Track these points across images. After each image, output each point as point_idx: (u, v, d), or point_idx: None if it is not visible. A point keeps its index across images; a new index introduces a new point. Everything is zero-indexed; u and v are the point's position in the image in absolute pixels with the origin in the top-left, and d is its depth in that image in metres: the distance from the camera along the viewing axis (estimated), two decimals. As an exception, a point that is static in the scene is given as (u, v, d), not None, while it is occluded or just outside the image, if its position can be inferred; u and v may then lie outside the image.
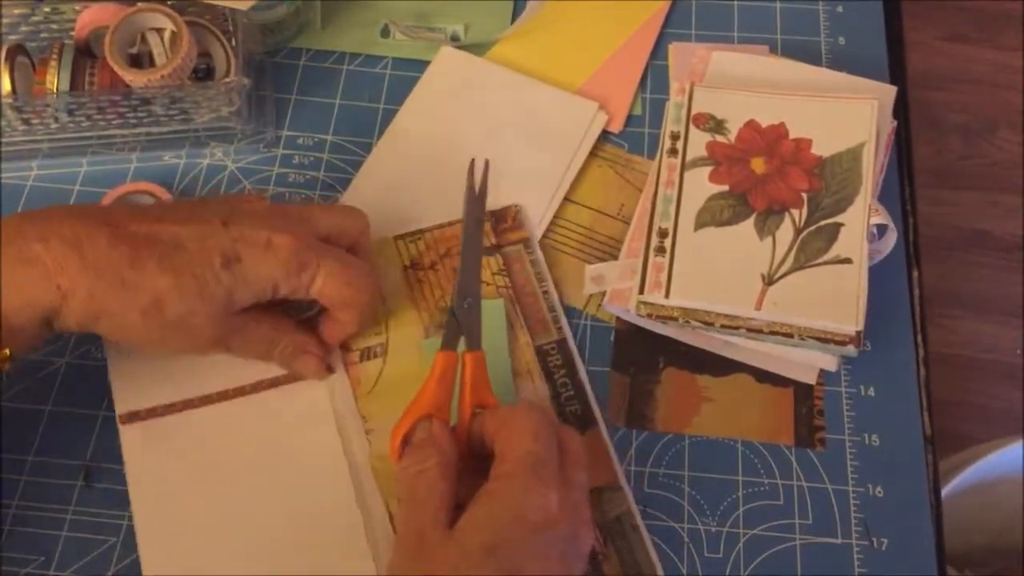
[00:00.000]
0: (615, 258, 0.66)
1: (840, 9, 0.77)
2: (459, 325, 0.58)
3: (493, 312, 0.62)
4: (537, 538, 0.47)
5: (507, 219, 0.66)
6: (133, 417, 0.59)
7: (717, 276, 0.61)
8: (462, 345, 0.57)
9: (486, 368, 0.56)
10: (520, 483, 0.48)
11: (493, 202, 0.67)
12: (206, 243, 0.52)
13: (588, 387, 0.62)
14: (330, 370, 0.61)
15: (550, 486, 0.48)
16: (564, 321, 0.63)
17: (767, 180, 0.64)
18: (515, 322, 0.63)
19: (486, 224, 0.65)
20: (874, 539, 0.58)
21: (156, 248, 0.51)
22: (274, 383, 0.60)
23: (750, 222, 0.63)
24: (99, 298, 0.50)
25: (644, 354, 0.63)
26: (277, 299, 0.55)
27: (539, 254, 0.65)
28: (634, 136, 0.72)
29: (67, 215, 0.52)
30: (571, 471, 0.50)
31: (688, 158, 0.65)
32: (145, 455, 0.58)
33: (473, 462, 0.53)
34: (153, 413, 0.59)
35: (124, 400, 0.60)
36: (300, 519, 0.57)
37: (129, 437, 0.59)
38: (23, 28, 0.70)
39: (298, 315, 0.60)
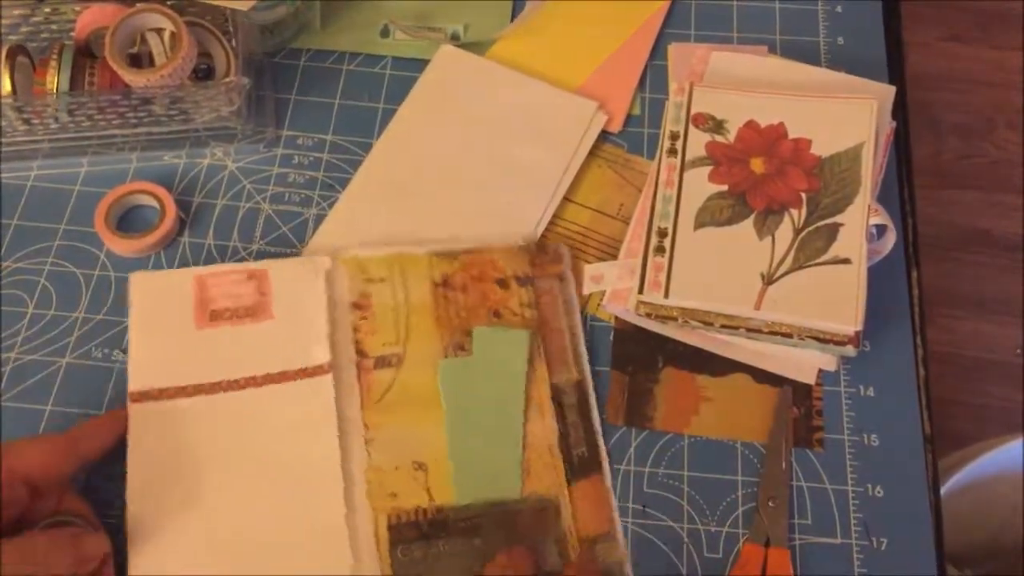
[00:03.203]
0: (614, 258, 0.66)
1: (839, 9, 0.77)
2: (765, 523, 0.58)
3: (516, 342, 0.61)
4: None
5: (547, 251, 0.65)
6: (144, 396, 0.59)
7: (716, 276, 0.61)
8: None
9: (789, 568, 0.56)
10: None
11: (501, 200, 0.67)
12: None
13: (600, 432, 0.60)
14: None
15: None
16: (586, 363, 0.62)
17: (766, 180, 0.64)
18: (535, 356, 0.61)
19: (527, 255, 0.64)
20: (874, 539, 0.58)
21: None
22: (283, 377, 0.60)
23: (749, 222, 0.63)
24: None
25: (643, 353, 0.63)
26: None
27: (572, 291, 0.64)
28: (633, 136, 0.72)
29: None
30: None
31: (688, 158, 0.65)
32: (149, 435, 0.58)
33: None
34: (164, 394, 0.59)
35: (138, 378, 0.60)
36: (286, 518, 0.57)
37: (137, 415, 0.59)
38: (23, 28, 0.70)
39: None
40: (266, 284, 0.62)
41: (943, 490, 1.00)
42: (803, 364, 0.62)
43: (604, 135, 0.71)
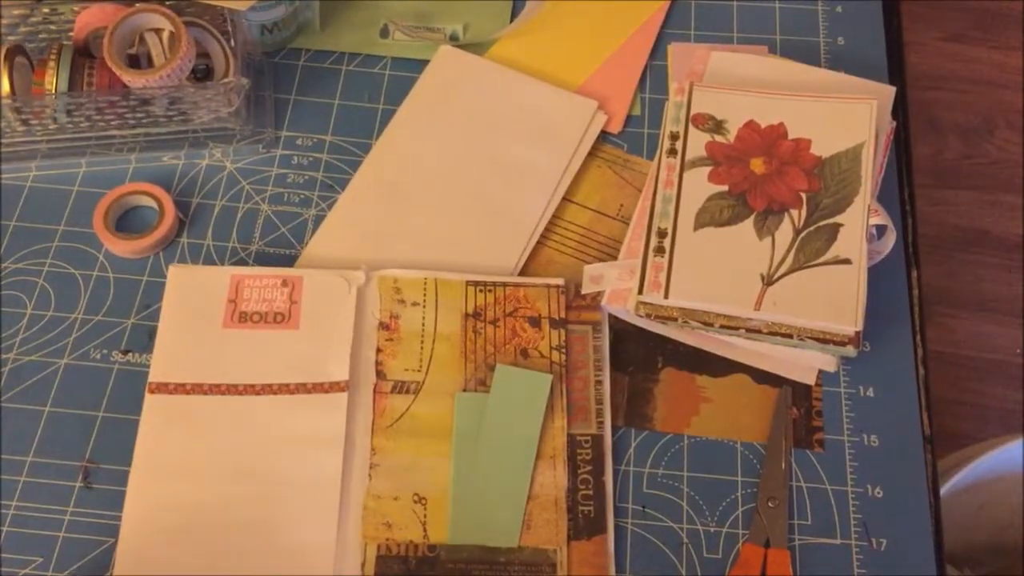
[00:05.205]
0: (614, 258, 0.66)
1: (839, 9, 0.77)
2: (764, 523, 0.57)
3: (537, 385, 0.60)
4: None
5: (585, 296, 0.64)
6: (161, 388, 0.60)
7: (716, 276, 0.61)
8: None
9: (789, 568, 0.56)
10: None
11: (500, 200, 0.67)
12: None
13: (610, 491, 0.58)
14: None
15: None
16: (608, 417, 0.60)
17: (766, 180, 0.64)
18: (556, 403, 0.60)
19: (564, 297, 0.63)
20: (873, 539, 0.58)
21: None
22: (300, 389, 0.60)
23: (749, 222, 0.63)
24: None
25: (643, 354, 0.63)
26: None
27: (606, 341, 0.62)
28: (633, 136, 0.72)
29: None
30: None
31: (687, 158, 0.65)
32: (160, 427, 0.59)
33: None
34: (181, 389, 0.60)
35: (158, 370, 0.60)
36: (277, 530, 0.56)
37: (151, 407, 0.59)
38: (22, 29, 0.70)
39: None
40: (298, 292, 0.62)
41: (943, 490, 1.00)
42: (803, 364, 0.62)
43: (604, 135, 0.71)
